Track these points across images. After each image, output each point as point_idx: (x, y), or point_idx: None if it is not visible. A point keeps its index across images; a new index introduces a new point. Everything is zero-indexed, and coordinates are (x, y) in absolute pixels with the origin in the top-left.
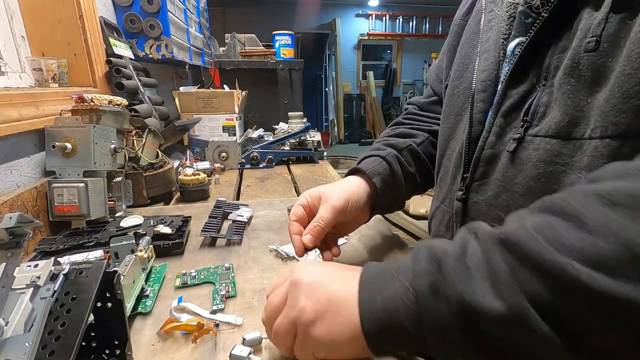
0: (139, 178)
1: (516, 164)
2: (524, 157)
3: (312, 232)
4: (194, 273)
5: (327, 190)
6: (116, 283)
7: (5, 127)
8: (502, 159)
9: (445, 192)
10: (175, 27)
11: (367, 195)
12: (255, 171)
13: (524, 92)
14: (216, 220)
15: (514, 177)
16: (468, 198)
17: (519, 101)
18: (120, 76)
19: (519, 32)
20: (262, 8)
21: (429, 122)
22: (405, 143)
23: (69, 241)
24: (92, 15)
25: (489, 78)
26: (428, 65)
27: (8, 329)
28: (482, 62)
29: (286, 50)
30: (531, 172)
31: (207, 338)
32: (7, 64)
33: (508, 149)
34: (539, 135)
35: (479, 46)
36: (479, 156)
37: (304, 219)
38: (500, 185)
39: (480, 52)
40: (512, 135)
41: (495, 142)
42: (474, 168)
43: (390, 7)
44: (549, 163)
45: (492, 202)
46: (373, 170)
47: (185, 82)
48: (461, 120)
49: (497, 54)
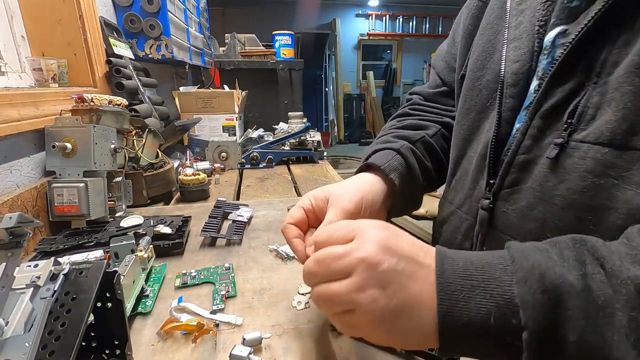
0: (139, 178)
1: (558, 173)
2: (568, 166)
3: None
4: (194, 273)
5: (336, 191)
6: (116, 283)
7: (5, 127)
8: (539, 165)
9: (462, 197)
10: (175, 27)
11: (383, 195)
12: (255, 171)
13: (570, 90)
14: (216, 220)
15: (554, 187)
16: (495, 207)
17: (563, 101)
18: (120, 76)
19: (561, 19)
20: (262, 8)
21: (439, 113)
22: (418, 135)
23: (69, 241)
24: (92, 15)
25: (522, 71)
26: (428, 65)
27: (8, 329)
28: (511, 52)
29: (286, 50)
30: (576, 183)
31: (207, 338)
32: (7, 64)
33: (548, 155)
34: (587, 141)
35: (505, 32)
36: (511, 161)
37: (304, 223)
38: (537, 196)
39: (508, 39)
40: (552, 140)
41: (532, 146)
42: (504, 174)
43: (390, 7)
44: (599, 175)
45: (525, 213)
46: (389, 165)
47: (185, 82)
48: (485, 118)
49: (530, 43)
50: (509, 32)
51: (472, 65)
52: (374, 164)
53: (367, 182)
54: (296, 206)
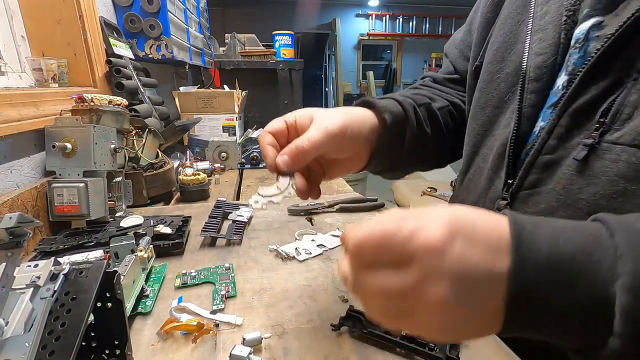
0: (139, 178)
1: (585, 175)
2: (597, 169)
3: (290, 154)
4: (194, 273)
5: (320, 111)
6: (116, 283)
7: (5, 127)
8: (564, 167)
9: (476, 197)
10: (175, 27)
11: (370, 129)
12: (255, 171)
13: (605, 87)
14: (216, 220)
15: (579, 191)
16: (512, 208)
17: (596, 98)
18: (120, 76)
19: (596, 10)
20: (262, 8)
21: (450, 93)
22: (424, 100)
23: (69, 241)
24: (92, 15)
25: (545, 65)
26: (428, 65)
27: (8, 329)
28: (535, 44)
29: (286, 50)
30: (605, 187)
31: (207, 338)
32: (7, 64)
33: (576, 157)
34: (621, 143)
35: (529, 23)
36: (533, 161)
37: (283, 135)
38: (559, 199)
39: (532, 30)
40: (581, 140)
41: (557, 145)
42: (525, 174)
43: (390, 7)
44: (632, 180)
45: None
46: (384, 107)
47: (185, 82)
48: (502, 113)
49: (556, 35)
50: (533, 22)
51: (491, 56)
52: (369, 101)
53: (358, 111)
54: (278, 119)
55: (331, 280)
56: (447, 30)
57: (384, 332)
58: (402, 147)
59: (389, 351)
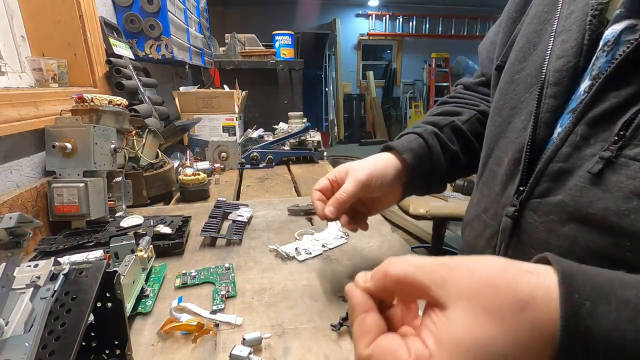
0: (139, 178)
1: (597, 189)
2: (611, 184)
3: (334, 204)
4: (194, 273)
5: (354, 165)
6: (116, 283)
7: (5, 127)
8: (576, 178)
9: (488, 201)
10: (175, 27)
11: (395, 171)
12: (255, 171)
13: (628, 96)
14: (216, 220)
15: (589, 204)
16: (521, 216)
17: (617, 108)
18: (120, 76)
19: (631, 11)
20: (262, 8)
21: (477, 101)
22: (447, 120)
23: (69, 241)
24: (92, 15)
25: (566, 68)
26: (428, 65)
27: (8, 329)
28: (558, 46)
29: (286, 50)
30: (617, 203)
31: (207, 338)
32: (7, 64)
33: (590, 170)
34: None
35: (555, 23)
36: (544, 168)
37: (328, 190)
38: (568, 212)
39: (557, 31)
40: (597, 151)
41: (571, 154)
42: (535, 181)
43: (390, 7)
44: None
45: (554, 228)
46: (404, 147)
47: (185, 82)
48: (517, 115)
49: (579, 37)
50: (558, 22)
51: (514, 57)
52: (391, 145)
53: (382, 159)
54: (323, 177)
55: (331, 280)
56: (447, 31)
57: None
58: (430, 174)
59: None
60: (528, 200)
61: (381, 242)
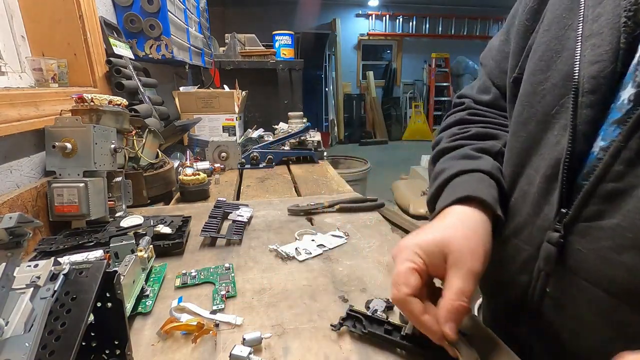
0: (139, 178)
1: None
2: None
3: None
4: (194, 273)
5: (454, 243)
6: (116, 283)
7: (5, 127)
8: (635, 199)
9: (520, 223)
10: (175, 27)
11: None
12: (255, 171)
13: None
14: (216, 220)
15: None
16: (567, 242)
17: None
18: (120, 76)
19: None
20: (262, 8)
21: (500, 118)
22: (494, 147)
23: (69, 241)
24: (92, 15)
25: (603, 74)
26: (428, 65)
27: (8, 329)
28: (588, 51)
29: (286, 50)
30: None
31: (207, 338)
32: (7, 64)
33: None
34: None
35: (579, 27)
36: (593, 189)
37: (421, 289)
38: (627, 238)
39: (583, 35)
40: None
41: (625, 172)
42: (582, 203)
43: (390, 7)
44: None
45: (609, 256)
46: (493, 198)
47: (185, 82)
48: (549, 129)
49: (614, 40)
50: (584, 26)
51: (533, 66)
52: (477, 197)
53: (481, 225)
54: (406, 267)
55: (331, 280)
56: (447, 31)
57: (383, 332)
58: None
59: (389, 351)
60: (574, 225)
61: (381, 242)
